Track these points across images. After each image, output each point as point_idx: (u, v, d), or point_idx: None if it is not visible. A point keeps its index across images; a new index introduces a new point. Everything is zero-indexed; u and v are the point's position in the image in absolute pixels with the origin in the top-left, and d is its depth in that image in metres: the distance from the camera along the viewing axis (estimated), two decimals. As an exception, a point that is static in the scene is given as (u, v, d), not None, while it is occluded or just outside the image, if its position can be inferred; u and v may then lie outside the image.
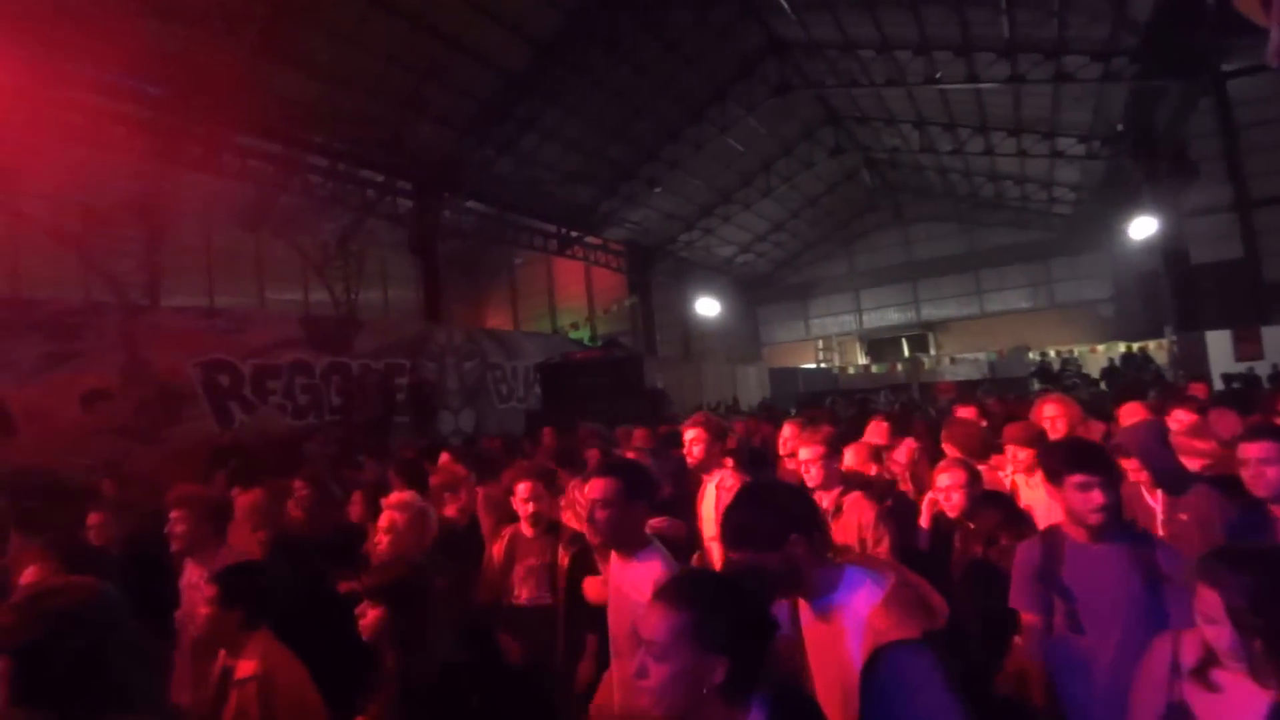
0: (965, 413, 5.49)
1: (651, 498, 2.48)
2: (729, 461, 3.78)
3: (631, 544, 2.31)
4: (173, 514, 3.30)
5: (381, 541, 3.04)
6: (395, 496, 3.29)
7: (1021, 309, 22.42)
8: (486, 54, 10.59)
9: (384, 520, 3.07)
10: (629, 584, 2.31)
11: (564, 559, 3.08)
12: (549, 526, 3.25)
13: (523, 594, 3.13)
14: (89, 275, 8.21)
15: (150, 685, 1.51)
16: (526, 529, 3.22)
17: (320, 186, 11.56)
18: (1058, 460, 2.15)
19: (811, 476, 3.23)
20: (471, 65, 10.61)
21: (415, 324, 12.03)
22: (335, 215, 11.85)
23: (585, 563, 3.02)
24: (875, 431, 4.90)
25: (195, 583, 2.84)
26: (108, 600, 1.54)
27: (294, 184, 11.21)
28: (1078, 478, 2.06)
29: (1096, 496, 2.03)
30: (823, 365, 24.73)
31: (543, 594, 3.09)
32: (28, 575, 2.09)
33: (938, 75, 12.74)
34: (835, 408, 10.71)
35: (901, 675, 1.40)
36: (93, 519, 3.73)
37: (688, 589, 1.33)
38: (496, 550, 3.35)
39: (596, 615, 2.66)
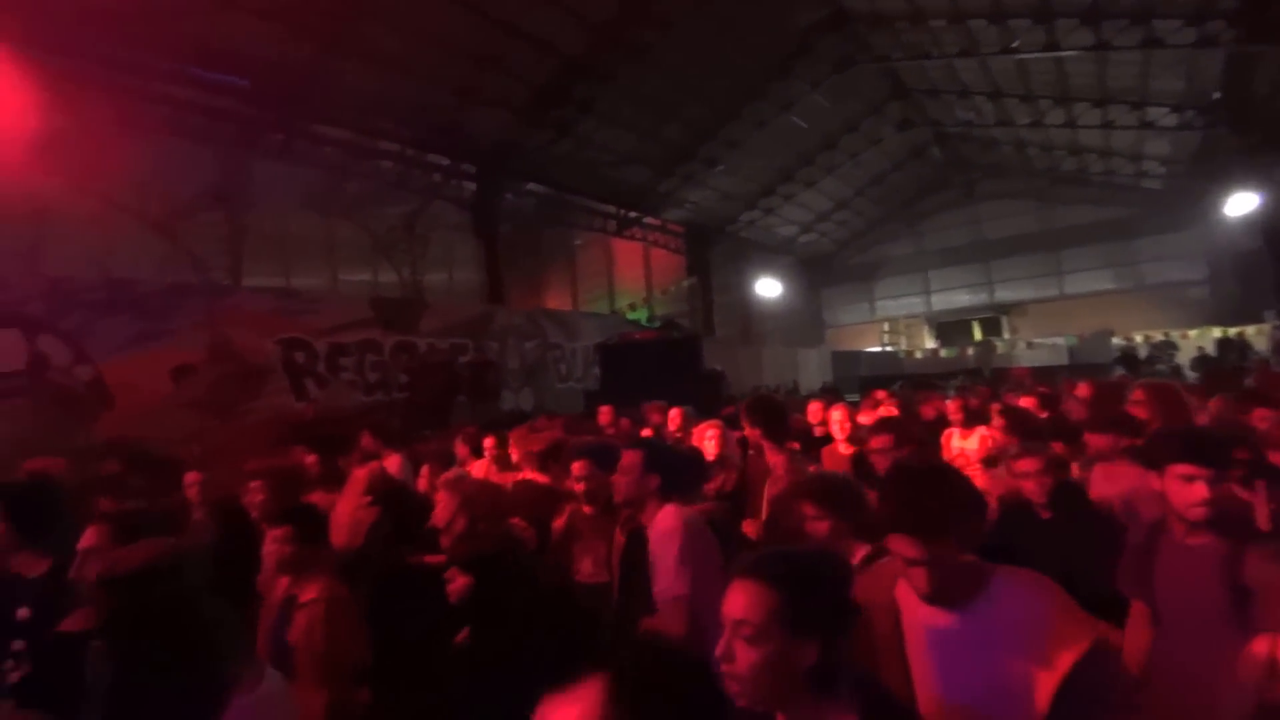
0: (1026, 402, 5.42)
1: (668, 474, 2.68)
2: (795, 445, 3.75)
3: (650, 508, 2.63)
4: (251, 484, 3.68)
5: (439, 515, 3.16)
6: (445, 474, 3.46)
7: (1104, 291, 21.17)
8: (543, 38, 10.65)
9: (438, 494, 3.29)
10: (651, 540, 2.57)
11: (620, 538, 3.05)
12: (606, 505, 3.21)
13: (580, 571, 3.17)
14: (176, 258, 8.80)
15: (237, 637, 1.62)
16: (585, 507, 3.25)
17: (388, 172, 11.94)
18: (1163, 446, 1.99)
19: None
20: (529, 50, 10.69)
21: (477, 305, 12.34)
22: (402, 199, 12.24)
23: (641, 543, 2.98)
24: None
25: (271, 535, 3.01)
26: (180, 556, 1.68)
27: (364, 169, 11.61)
28: (1181, 468, 1.90)
29: (1199, 490, 1.87)
30: (888, 349, 24.07)
31: (599, 572, 3.10)
32: (86, 539, 2.27)
33: (1014, 44, 12.05)
34: (899, 393, 10.40)
35: (1112, 672, 1.41)
36: (190, 478, 4.00)
37: (782, 566, 1.25)
38: (557, 526, 3.42)
39: (642, 593, 2.67)
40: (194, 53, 8.52)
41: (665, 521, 2.55)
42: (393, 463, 4.82)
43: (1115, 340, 18.38)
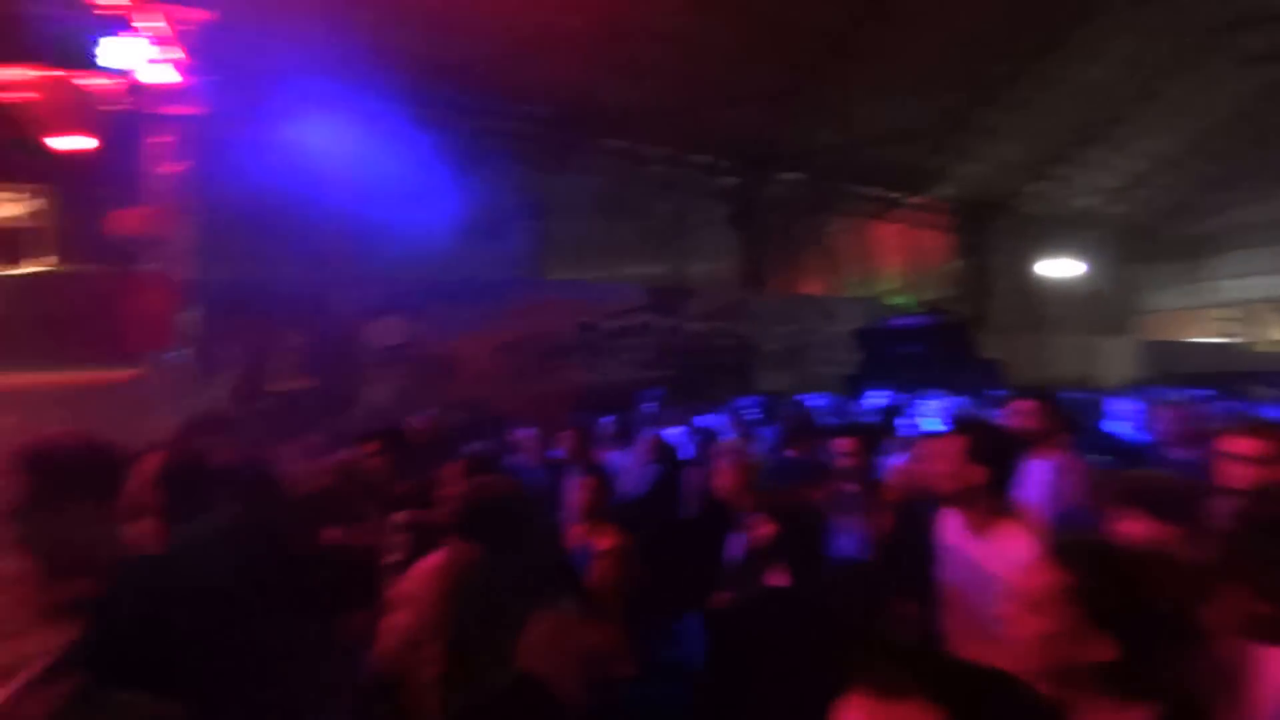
0: None
1: (999, 465, 2.29)
2: (1067, 439, 3.48)
3: (980, 509, 2.24)
4: (560, 435, 4.69)
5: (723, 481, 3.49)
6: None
7: None
8: (800, 23, 10.69)
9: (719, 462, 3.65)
10: (986, 557, 2.20)
11: (886, 520, 3.07)
12: (870, 485, 3.32)
13: (837, 549, 3.11)
14: (501, 259, 11.00)
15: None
16: (848, 485, 3.32)
17: (658, 174, 13.18)
18: None
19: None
20: (786, 38, 10.84)
21: (737, 291, 13.15)
22: (671, 197, 13.41)
23: (913, 525, 2.86)
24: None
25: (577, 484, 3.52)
26: (518, 489, 2.36)
27: (637, 174, 12.98)
28: None
29: None
30: (1227, 339, 19.52)
31: (860, 551, 3.08)
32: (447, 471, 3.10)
33: None
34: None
35: None
36: (523, 432, 5.04)
37: (1085, 555, 1.22)
38: (816, 499, 3.64)
39: (914, 579, 2.55)
40: (507, 91, 10.52)
41: (1025, 551, 1.98)
42: (675, 432, 5.53)
43: None
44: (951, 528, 2.41)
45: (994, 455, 2.26)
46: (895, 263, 17.41)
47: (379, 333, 9.17)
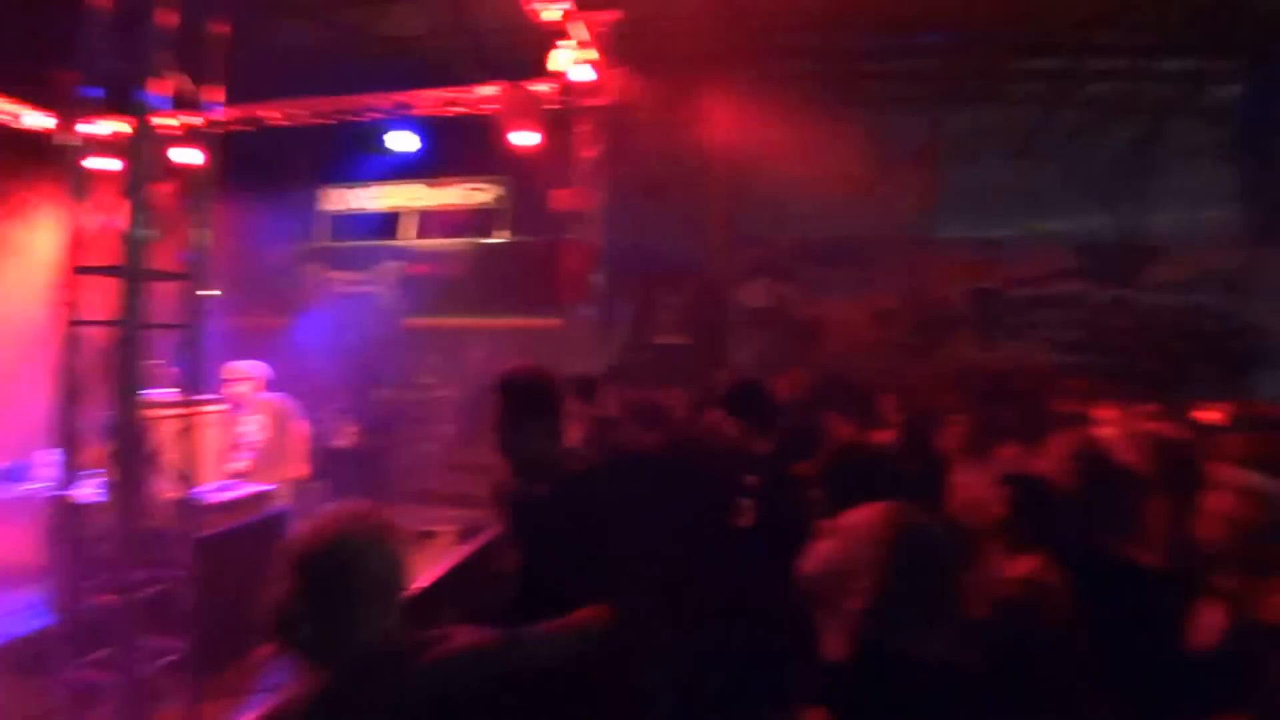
0: None
1: None
2: None
3: None
4: (944, 421, 4.19)
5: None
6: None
7: None
8: None
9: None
10: None
11: None
12: None
13: None
14: (880, 213, 9.80)
15: None
16: None
17: (1107, 95, 10.14)
18: None
19: None
20: None
21: (1236, 250, 9.68)
22: (1123, 125, 10.30)
23: None
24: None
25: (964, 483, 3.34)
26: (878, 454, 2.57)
27: (1073, 99, 10.17)
28: None
29: None
30: None
31: None
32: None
33: None
34: None
35: None
36: (892, 411, 4.65)
37: None
38: None
39: None
40: (885, 26, 8.96)
41: None
42: (1110, 431, 4.02)
43: None
44: None
45: None
46: None
47: (748, 295, 9.41)
